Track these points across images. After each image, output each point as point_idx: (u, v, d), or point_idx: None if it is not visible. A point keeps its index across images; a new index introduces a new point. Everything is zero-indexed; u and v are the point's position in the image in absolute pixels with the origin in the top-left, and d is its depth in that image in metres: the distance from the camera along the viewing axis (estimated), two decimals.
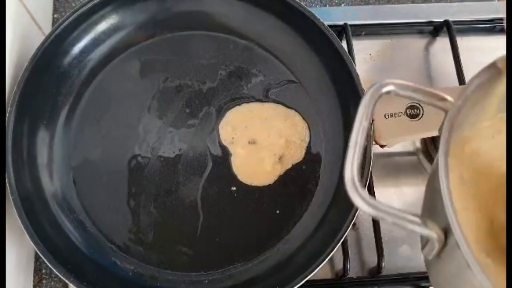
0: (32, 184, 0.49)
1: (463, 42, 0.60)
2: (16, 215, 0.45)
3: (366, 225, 0.53)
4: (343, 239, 0.46)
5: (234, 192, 0.52)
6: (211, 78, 0.56)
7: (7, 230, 0.46)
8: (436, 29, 0.61)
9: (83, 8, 0.52)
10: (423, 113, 0.49)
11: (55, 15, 0.62)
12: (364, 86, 0.50)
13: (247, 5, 0.56)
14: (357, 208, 0.46)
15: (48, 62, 0.51)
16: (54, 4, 0.62)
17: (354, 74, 0.50)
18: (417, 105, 0.49)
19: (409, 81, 0.58)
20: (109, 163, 0.52)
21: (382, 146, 0.50)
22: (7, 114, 0.48)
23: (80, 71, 0.55)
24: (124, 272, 0.49)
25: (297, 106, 0.55)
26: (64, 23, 0.51)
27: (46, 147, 0.52)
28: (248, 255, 0.50)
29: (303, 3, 0.53)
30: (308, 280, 0.45)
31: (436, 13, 0.62)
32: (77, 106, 0.54)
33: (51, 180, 0.51)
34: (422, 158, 0.57)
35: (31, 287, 0.51)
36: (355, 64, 0.52)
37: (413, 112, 0.49)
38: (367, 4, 0.65)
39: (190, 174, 0.52)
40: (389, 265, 0.50)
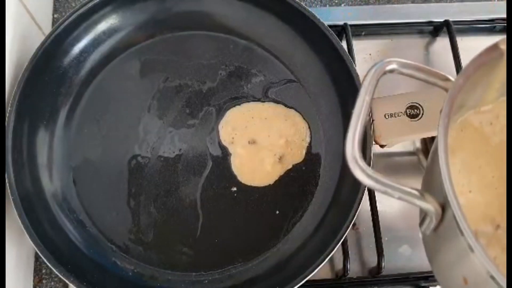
0: (32, 184, 0.49)
1: (463, 42, 0.60)
2: (16, 215, 0.45)
3: (366, 225, 0.53)
4: (343, 239, 0.46)
5: (234, 192, 0.52)
6: (211, 78, 0.56)
7: (7, 230, 0.46)
8: (436, 29, 0.61)
9: (83, 8, 0.52)
10: (423, 113, 0.49)
11: (55, 15, 0.62)
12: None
13: (247, 5, 0.56)
14: (357, 208, 0.47)
15: (48, 62, 0.51)
16: (54, 4, 0.62)
17: (354, 74, 0.50)
18: (417, 105, 0.49)
19: (409, 82, 0.58)
20: (109, 163, 0.52)
21: (382, 146, 0.50)
22: (7, 114, 0.48)
23: (80, 71, 0.55)
24: (124, 272, 0.49)
25: (297, 106, 0.55)
26: (64, 23, 0.51)
27: (46, 147, 0.52)
28: (248, 255, 0.50)
29: (303, 3, 0.53)
30: (308, 280, 0.45)
31: (436, 13, 0.62)
32: (77, 106, 0.54)
33: (51, 180, 0.51)
34: (422, 158, 0.57)
35: (31, 287, 0.51)
36: (355, 64, 0.52)
37: (413, 112, 0.49)
38: (367, 4, 0.65)
39: (190, 174, 0.52)
40: (389, 265, 0.50)
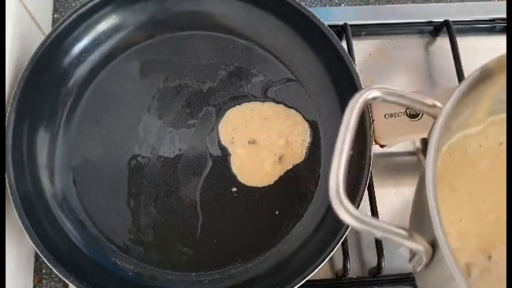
0: (32, 184, 0.49)
1: (463, 42, 0.60)
2: (16, 215, 0.45)
3: None
4: (343, 239, 0.46)
5: (234, 192, 0.52)
6: (211, 78, 0.56)
7: (7, 230, 0.46)
8: (436, 29, 0.61)
9: (83, 8, 0.52)
10: (423, 113, 0.49)
11: (55, 15, 0.62)
12: (364, 86, 0.50)
13: (247, 5, 0.56)
14: (357, 208, 0.47)
15: (48, 62, 0.51)
16: (54, 4, 0.62)
17: (354, 74, 0.50)
18: None
19: (409, 82, 0.58)
20: (109, 163, 0.52)
21: (382, 146, 0.50)
22: (7, 114, 0.48)
23: (80, 71, 0.55)
24: (124, 272, 0.49)
25: (297, 106, 0.55)
26: (64, 23, 0.51)
27: (46, 147, 0.52)
28: (248, 255, 0.50)
29: (303, 3, 0.53)
30: (308, 280, 0.45)
31: (436, 13, 0.62)
32: (77, 106, 0.54)
33: (51, 180, 0.51)
34: (422, 158, 0.57)
35: (31, 287, 0.51)
36: (355, 64, 0.52)
37: (413, 112, 0.49)
38: (367, 4, 0.65)
39: (190, 174, 0.52)
40: (389, 265, 0.50)
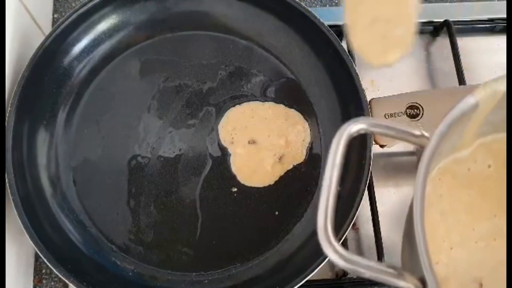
0: (32, 184, 0.49)
1: (463, 42, 0.61)
2: (16, 215, 0.45)
3: (366, 225, 0.53)
4: (343, 239, 0.46)
5: (234, 193, 0.52)
6: (211, 78, 0.56)
7: (7, 230, 0.46)
8: (436, 29, 0.61)
9: (83, 8, 0.52)
10: (423, 113, 0.49)
11: (55, 15, 0.62)
12: (364, 86, 0.50)
13: (247, 5, 0.56)
14: (357, 208, 0.47)
15: (48, 62, 0.51)
16: (54, 4, 0.62)
17: (354, 74, 0.50)
18: (417, 105, 0.49)
19: (409, 82, 0.58)
20: (109, 163, 0.52)
21: (382, 146, 0.50)
22: (7, 114, 0.48)
23: (80, 71, 0.55)
24: (124, 272, 0.49)
25: (297, 106, 0.55)
26: (64, 23, 0.51)
27: (46, 147, 0.52)
28: (248, 255, 0.50)
29: (303, 3, 0.53)
30: (308, 280, 0.45)
31: (436, 13, 0.62)
32: (77, 106, 0.54)
33: (51, 180, 0.51)
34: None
35: (31, 287, 0.51)
36: (355, 64, 0.52)
37: (413, 112, 0.49)
38: None
39: (190, 174, 0.52)
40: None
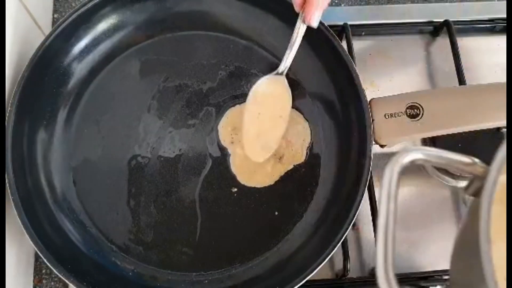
0: (32, 184, 0.49)
1: (463, 42, 0.61)
2: (16, 215, 0.45)
3: (366, 225, 0.53)
4: (343, 239, 0.46)
5: (234, 193, 0.52)
6: (211, 78, 0.56)
7: (7, 230, 0.46)
8: (436, 29, 0.61)
9: (83, 8, 0.52)
10: (423, 113, 0.49)
11: (55, 15, 0.62)
12: (364, 86, 0.50)
13: (247, 5, 0.56)
14: (357, 208, 0.47)
15: (48, 62, 0.51)
16: (54, 4, 0.62)
17: (354, 74, 0.50)
18: (417, 105, 0.49)
19: (409, 82, 0.58)
20: (109, 163, 0.52)
21: (382, 146, 0.50)
22: (7, 114, 0.48)
23: (80, 71, 0.55)
24: (124, 272, 0.49)
25: (297, 106, 0.55)
26: (64, 23, 0.51)
27: (46, 147, 0.52)
28: (248, 255, 0.50)
29: None
30: (308, 280, 0.45)
31: (436, 13, 0.62)
32: (77, 106, 0.54)
33: (51, 180, 0.51)
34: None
35: (31, 287, 0.51)
36: (355, 64, 0.52)
37: (413, 112, 0.49)
38: (367, 4, 0.65)
39: (190, 174, 0.52)
40: None
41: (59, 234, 0.49)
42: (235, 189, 0.52)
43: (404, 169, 0.29)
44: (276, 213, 0.52)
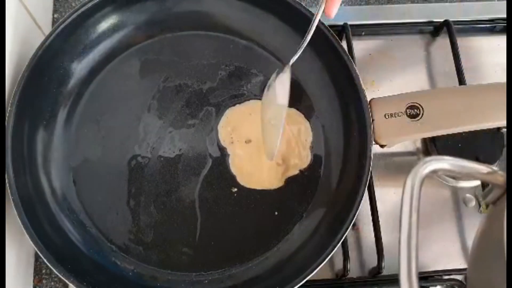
0: (32, 184, 0.49)
1: (463, 42, 0.61)
2: (16, 215, 0.45)
3: (366, 225, 0.53)
4: (343, 239, 0.46)
5: (234, 193, 0.52)
6: (211, 78, 0.56)
7: (7, 230, 0.46)
8: (436, 29, 0.61)
9: (83, 8, 0.52)
10: (423, 113, 0.49)
11: (55, 15, 0.62)
12: (364, 86, 0.50)
13: (247, 5, 0.56)
14: (357, 208, 0.47)
15: (48, 62, 0.51)
16: (54, 4, 0.62)
17: (354, 74, 0.50)
18: (417, 105, 0.49)
19: (409, 82, 0.58)
20: (109, 163, 0.52)
21: (382, 146, 0.50)
22: (7, 114, 0.48)
23: (80, 71, 0.55)
24: (124, 272, 0.49)
25: (297, 106, 0.55)
26: (64, 23, 0.51)
27: (46, 147, 0.52)
28: (248, 255, 0.50)
29: (303, 3, 0.53)
30: (308, 280, 0.45)
31: (436, 13, 0.62)
32: (77, 106, 0.54)
33: (51, 180, 0.51)
34: (422, 158, 0.57)
35: (31, 287, 0.51)
36: (355, 64, 0.52)
37: (413, 112, 0.49)
38: (367, 4, 0.65)
39: (190, 174, 0.52)
40: (389, 265, 0.50)
41: (59, 234, 0.49)
42: (235, 189, 0.52)
43: (425, 180, 0.29)
44: (276, 213, 0.51)
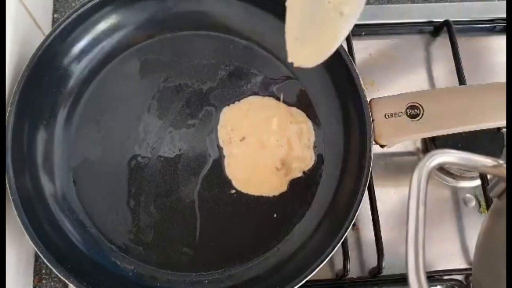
0: (32, 184, 0.49)
1: (463, 42, 0.60)
2: (16, 215, 0.45)
3: (366, 225, 0.53)
4: (343, 239, 0.46)
5: (234, 193, 0.52)
6: (211, 78, 0.56)
7: (7, 230, 0.46)
8: (436, 29, 0.61)
9: (83, 8, 0.52)
10: (423, 113, 0.49)
11: (55, 15, 0.62)
12: (364, 86, 0.50)
13: (247, 5, 0.56)
14: (357, 208, 0.47)
15: (48, 62, 0.51)
16: (54, 4, 0.62)
17: (354, 74, 0.50)
18: (417, 105, 0.49)
19: (409, 82, 0.58)
20: (109, 163, 0.52)
21: (382, 146, 0.50)
22: (7, 114, 0.48)
23: (80, 71, 0.55)
24: (124, 272, 0.49)
25: (298, 106, 0.55)
26: (64, 23, 0.51)
27: (46, 147, 0.52)
28: (248, 255, 0.50)
29: None
30: (308, 280, 0.45)
31: (436, 13, 0.62)
32: (77, 106, 0.54)
33: (51, 180, 0.51)
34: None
35: (31, 287, 0.51)
36: (355, 64, 0.52)
37: (413, 112, 0.49)
38: (367, 4, 0.64)
39: (190, 174, 0.52)
40: (389, 265, 0.50)
41: (59, 234, 0.49)
42: (234, 191, 0.52)
43: (432, 173, 0.29)
44: (277, 214, 0.51)
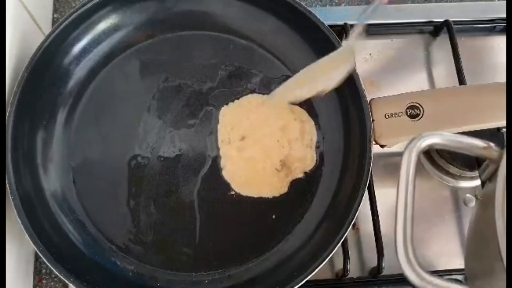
0: (32, 184, 0.49)
1: (463, 42, 0.61)
2: (16, 215, 0.45)
3: (366, 225, 0.53)
4: (343, 239, 0.46)
5: (234, 194, 0.52)
6: (211, 78, 0.56)
7: (7, 230, 0.46)
8: (436, 29, 0.61)
9: (83, 8, 0.52)
10: (423, 113, 0.49)
11: (55, 15, 0.62)
12: (364, 86, 0.50)
13: (247, 5, 0.56)
14: (357, 208, 0.47)
15: (48, 62, 0.51)
16: (54, 4, 0.62)
17: (354, 74, 0.50)
18: (417, 105, 0.49)
19: (409, 82, 0.58)
20: (109, 163, 0.52)
21: (382, 146, 0.50)
22: (7, 114, 0.48)
23: (80, 71, 0.55)
24: (124, 272, 0.49)
25: (298, 106, 0.55)
26: (64, 23, 0.51)
27: (46, 147, 0.52)
28: (248, 255, 0.50)
29: (303, 3, 0.53)
30: (308, 280, 0.45)
31: (436, 13, 0.62)
32: (77, 106, 0.54)
33: (51, 180, 0.51)
34: (423, 159, 0.57)
35: (31, 287, 0.51)
36: (355, 64, 0.52)
37: (413, 112, 0.49)
38: (367, 4, 0.65)
39: (190, 174, 0.52)
40: (389, 265, 0.50)
41: (59, 234, 0.49)
42: (233, 192, 0.52)
43: (421, 154, 0.30)
44: (277, 214, 0.51)
